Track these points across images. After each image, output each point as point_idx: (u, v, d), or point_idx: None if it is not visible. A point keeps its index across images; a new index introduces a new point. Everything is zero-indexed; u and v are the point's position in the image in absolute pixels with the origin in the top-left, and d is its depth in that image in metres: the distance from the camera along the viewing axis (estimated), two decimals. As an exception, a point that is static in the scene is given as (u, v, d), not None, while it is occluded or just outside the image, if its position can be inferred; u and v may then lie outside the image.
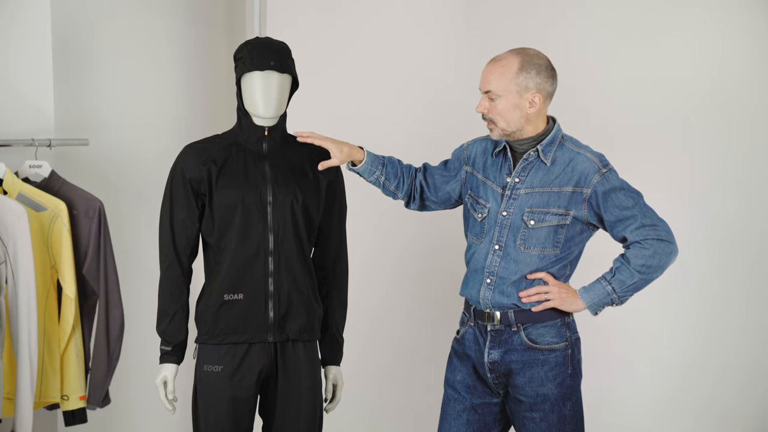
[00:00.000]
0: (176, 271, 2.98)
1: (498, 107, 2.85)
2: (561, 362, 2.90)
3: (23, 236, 3.19)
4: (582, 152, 2.89)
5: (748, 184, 3.83)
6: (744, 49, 3.82)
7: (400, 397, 4.41)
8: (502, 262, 2.90)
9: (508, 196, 2.90)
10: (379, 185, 3.07)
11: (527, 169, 2.90)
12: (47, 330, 3.34)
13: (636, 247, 2.84)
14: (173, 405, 3.02)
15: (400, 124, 4.33)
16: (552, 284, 2.88)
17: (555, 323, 2.90)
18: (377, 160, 3.04)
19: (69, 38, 3.82)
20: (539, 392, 2.88)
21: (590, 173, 2.85)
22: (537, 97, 2.84)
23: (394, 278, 4.37)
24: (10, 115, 3.50)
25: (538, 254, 2.88)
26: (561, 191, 2.86)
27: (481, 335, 2.95)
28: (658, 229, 2.84)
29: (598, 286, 2.89)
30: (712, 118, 3.87)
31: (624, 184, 2.87)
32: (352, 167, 3.05)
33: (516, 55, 2.86)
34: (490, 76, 2.87)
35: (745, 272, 3.85)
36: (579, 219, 2.87)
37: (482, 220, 2.95)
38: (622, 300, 2.89)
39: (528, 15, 4.29)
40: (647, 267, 2.83)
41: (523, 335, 2.89)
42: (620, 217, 2.84)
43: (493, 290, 2.90)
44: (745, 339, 3.84)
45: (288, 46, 2.98)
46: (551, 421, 2.89)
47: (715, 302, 3.90)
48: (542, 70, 2.85)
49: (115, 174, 3.94)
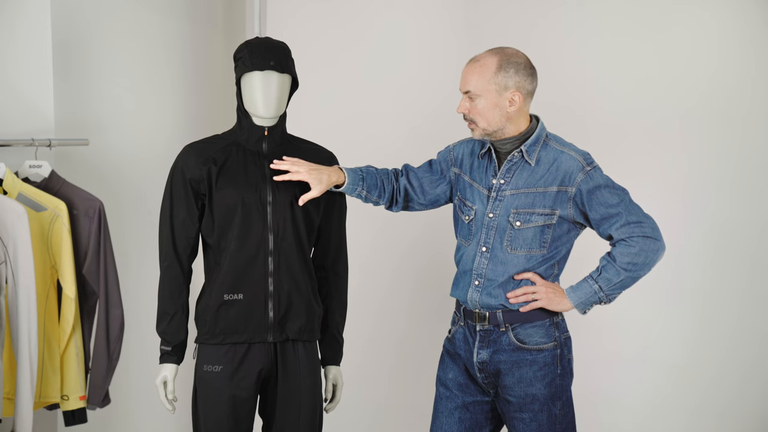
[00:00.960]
0: (176, 271, 2.98)
1: (478, 107, 2.87)
2: (550, 362, 2.90)
3: (23, 236, 3.19)
4: (566, 151, 2.89)
5: (744, 182, 3.83)
6: (739, 48, 3.82)
7: (399, 397, 4.41)
8: (489, 263, 2.90)
9: (494, 198, 2.91)
10: (361, 198, 3.06)
11: (512, 170, 2.90)
12: (47, 330, 3.34)
13: (622, 245, 2.84)
14: (173, 405, 3.02)
15: (400, 124, 4.33)
16: (539, 284, 2.88)
17: (543, 323, 2.90)
18: (357, 177, 3.02)
19: (69, 38, 3.82)
20: (528, 392, 2.89)
21: (574, 172, 2.85)
22: (516, 95, 2.85)
23: (394, 278, 4.37)
24: (10, 115, 3.50)
25: (525, 255, 2.88)
26: (546, 191, 2.87)
27: (470, 335, 2.95)
28: (644, 226, 2.83)
29: (584, 285, 2.89)
30: (708, 117, 3.87)
31: (609, 182, 2.87)
32: (335, 189, 3.02)
33: (494, 55, 2.87)
34: (469, 76, 2.88)
35: (740, 270, 3.86)
36: (565, 218, 2.88)
37: (469, 222, 2.96)
38: (610, 298, 2.89)
39: (527, 15, 4.29)
40: (633, 264, 2.83)
41: (512, 335, 2.89)
42: (605, 214, 2.84)
43: (480, 292, 2.91)
44: (740, 337, 3.85)
45: (288, 46, 2.98)
46: (541, 421, 2.89)
47: (710, 300, 3.90)
48: (521, 69, 2.86)
49: (115, 174, 3.94)
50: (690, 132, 3.92)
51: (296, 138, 3.07)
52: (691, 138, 3.91)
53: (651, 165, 3.95)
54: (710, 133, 3.87)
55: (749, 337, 3.84)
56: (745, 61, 3.82)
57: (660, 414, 4.01)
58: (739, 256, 3.85)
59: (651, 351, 4.01)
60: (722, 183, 3.86)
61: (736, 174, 3.85)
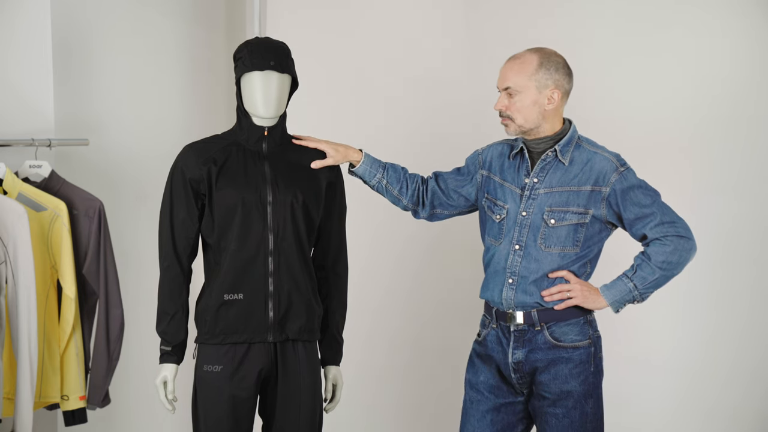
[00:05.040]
0: (176, 271, 2.98)
1: (517, 103, 2.90)
2: (585, 360, 2.93)
3: (23, 236, 3.19)
4: (599, 152, 2.94)
5: (749, 186, 3.82)
6: (744, 49, 3.81)
7: (399, 397, 4.41)
8: (523, 261, 2.93)
9: (527, 197, 2.94)
10: (381, 189, 3.10)
11: (546, 170, 2.94)
12: (47, 330, 3.34)
13: (656, 244, 2.88)
14: (173, 405, 3.02)
15: (401, 124, 4.33)
16: (574, 282, 2.91)
17: (578, 321, 2.94)
18: (377, 163, 3.09)
19: (69, 38, 3.82)
20: (563, 389, 2.91)
21: (608, 172, 2.90)
22: (556, 93, 2.90)
23: (394, 278, 4.37)
24: (10, 115, 3.50)
25: (558, 252, 2.91)
26: (580, 190, 2.90)
27: (504, 336, 2.97)
28: (678, 226, 2.88)
29: (619, 283, 2.93)
30: (711, 120, 3.86)
31: (642, 183, 2.92)
32: (352, 169, 3.08)
33: (534, 53, 2.92)
34: (509, 72, 2.92)
35: (748, 274, 3.85)
36: (598, 218, 2.91)
37: (501, 221, 2.98)
38: (643, 297, 2.93)
39: (527, 15, 4.29)
40: (668, 263, 2.88)
41: (547, 334, 2.92)
42: (639, 214, 2.88)
43: (515, 290, 2.93)
44: (749, 339, 3.84)
45: (288, 46, 2.98)
46: (573, 417, 2.92)
47: (719, 304, 3.90)
48: (560, 68, 2.92)
49: (115, 174, 3.94)
50: (695, 137, 3.91)
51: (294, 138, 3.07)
52: (695, 141, 3.90)
53: (653, 168, 3.93)
54: (713, 138, 3.86)
55: (758, 338, 3.83)
56: (750, 64, 3.81)
57: (673, 417, 4.00)
58: (747, 260, 3.84)
59: (662, 354, 4.00)
60: (727, 187, 3.85)
61: (740, 178, 3.84)
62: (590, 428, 2.94)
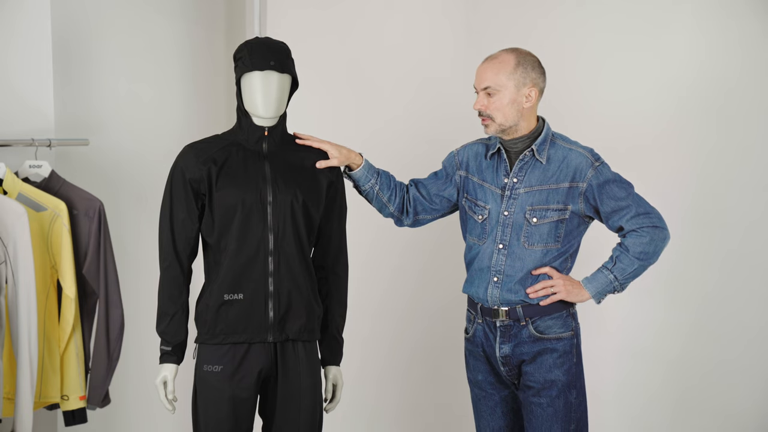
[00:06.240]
0: (176, 271, 2.97)
1: (496, 102, 2.96)
2: (568, 350, 3.00)
3: (23, 236, 3.19)
4: (574, 148, 3.01)
5: (744, 181, 3.82)
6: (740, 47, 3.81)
7: (399, 397, 4.41)
8: (507, 260, 2.99)
9: (508, 197, 3.00)
10: (372, 195, 3.14)
11: (524, 169, 3.00)
12: (47, 330, 3.34)
13: (633, 236, 2.97)
14: (173, 405, 3.02)
15: (400, 125, 4.33)
16: (557, 278, 2.99)
17: (561, 314, 3.01)
18: (373, 169, 3.14)
19: (69, 38, 3.82)
20: (547, 378, 2.98)
21: (584, 168, 2.97)
22: (533, 91, 2.97)
23: (394, 278, 4.37)
24: (10, 115, 3.50)
25: (541, 250, 2.98)
26: (558, 187, 2.97)
27: (490, 331, 3.04)
28: (652, 217, 2.98)
29: (600, 275, 3.01)
30: (708, 117, 3.86)
31: (616, 176, 3.00)
32: (349, 172, 3.11)
33: (511, 53, 2.99)
34: (487, 72, 2.98)
35: (740, 269, 3.84)
36: (576, 213, 2.98)
37: (483, 221, 3.04)
38: (623, 287, 3.02)
39: (527, 16, 4.29)
40: (645, 254, 2.97)
41: (531, 328, 2.99)
42: (616, 207, 2.97)
43: (500, 288, 3.00)
44: (741, 335, 3.83)
45: (288, 46, 2.98)
46: (557, 407, 2.98)
47: (711, 299, 3.89)
48: (536, 66, 2.99)
49: (115, 174, 3.94)
50: (687, 133, 3.90)
51: (296, 138, 3.07)
52: (688, 139, 3.90)
53: (652, 164, 3.94)
54: (707, 134, 3.86)
55: (750, 335, 3.82)
56: (746, 61, 3.81)
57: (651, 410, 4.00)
58: (739, 256, 3.84)
59: (645, 347, 4.00)
60: (721, 180, 3.85)
61: (735, 174, 3.84)
62: (574, 418, 3.00)
